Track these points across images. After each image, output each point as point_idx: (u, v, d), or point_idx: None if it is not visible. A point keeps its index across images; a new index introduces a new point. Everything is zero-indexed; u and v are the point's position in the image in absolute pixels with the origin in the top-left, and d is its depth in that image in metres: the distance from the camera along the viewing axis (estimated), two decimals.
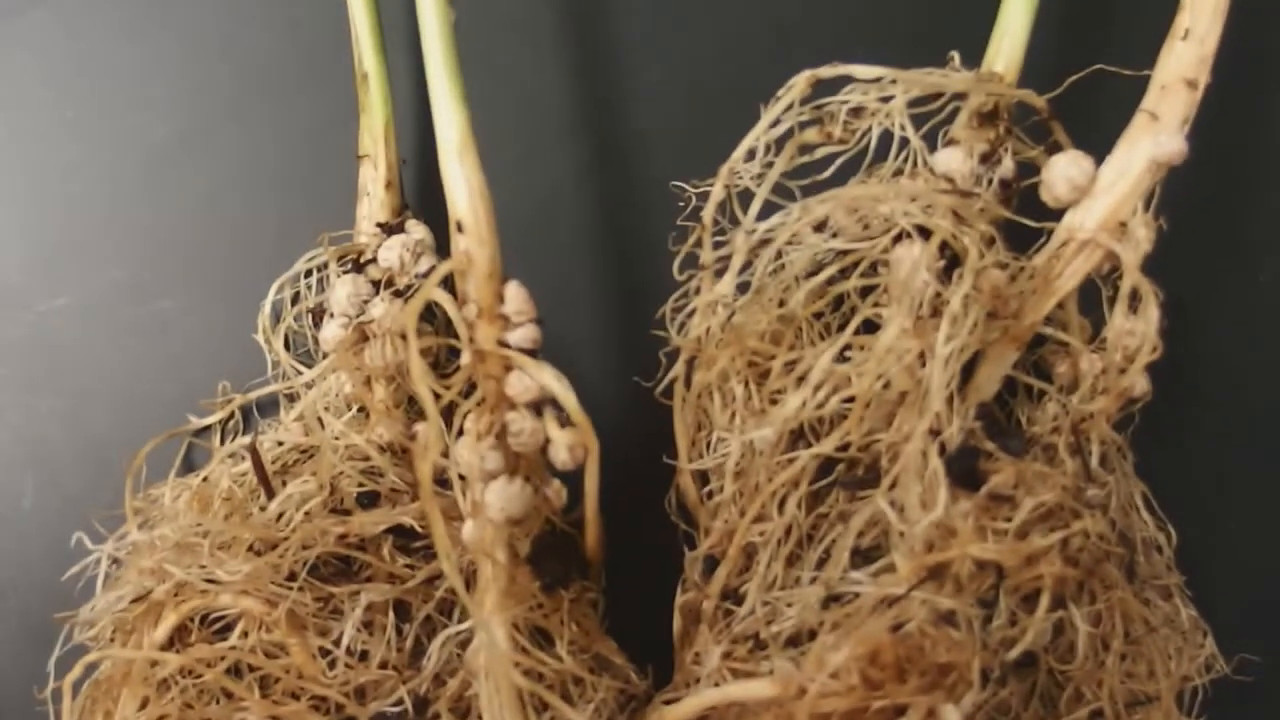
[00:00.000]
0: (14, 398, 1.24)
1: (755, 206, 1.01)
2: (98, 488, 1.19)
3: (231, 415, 1.21)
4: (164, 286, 1.25)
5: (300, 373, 1.18)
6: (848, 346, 0.96)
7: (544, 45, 1.29)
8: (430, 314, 1.09)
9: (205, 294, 1.25)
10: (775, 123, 1.01)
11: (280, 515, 1.03)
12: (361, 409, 1.10)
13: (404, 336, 0.97)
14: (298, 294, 1.19)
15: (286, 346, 1.20)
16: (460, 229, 0.98)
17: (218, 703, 0.98)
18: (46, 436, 1.23)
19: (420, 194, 1.22)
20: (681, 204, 1.05)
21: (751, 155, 1.02)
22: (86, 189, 1.27)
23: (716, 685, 0.94)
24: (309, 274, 1.19)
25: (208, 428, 1.21)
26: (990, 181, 1.02)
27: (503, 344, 0.97)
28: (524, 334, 0.97)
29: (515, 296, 0.98)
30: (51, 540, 1.13)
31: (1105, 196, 0.99)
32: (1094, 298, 1.01)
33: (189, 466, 1.20)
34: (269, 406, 1.21)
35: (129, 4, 1.30)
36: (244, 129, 1.28)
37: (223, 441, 1.20)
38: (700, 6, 1.29)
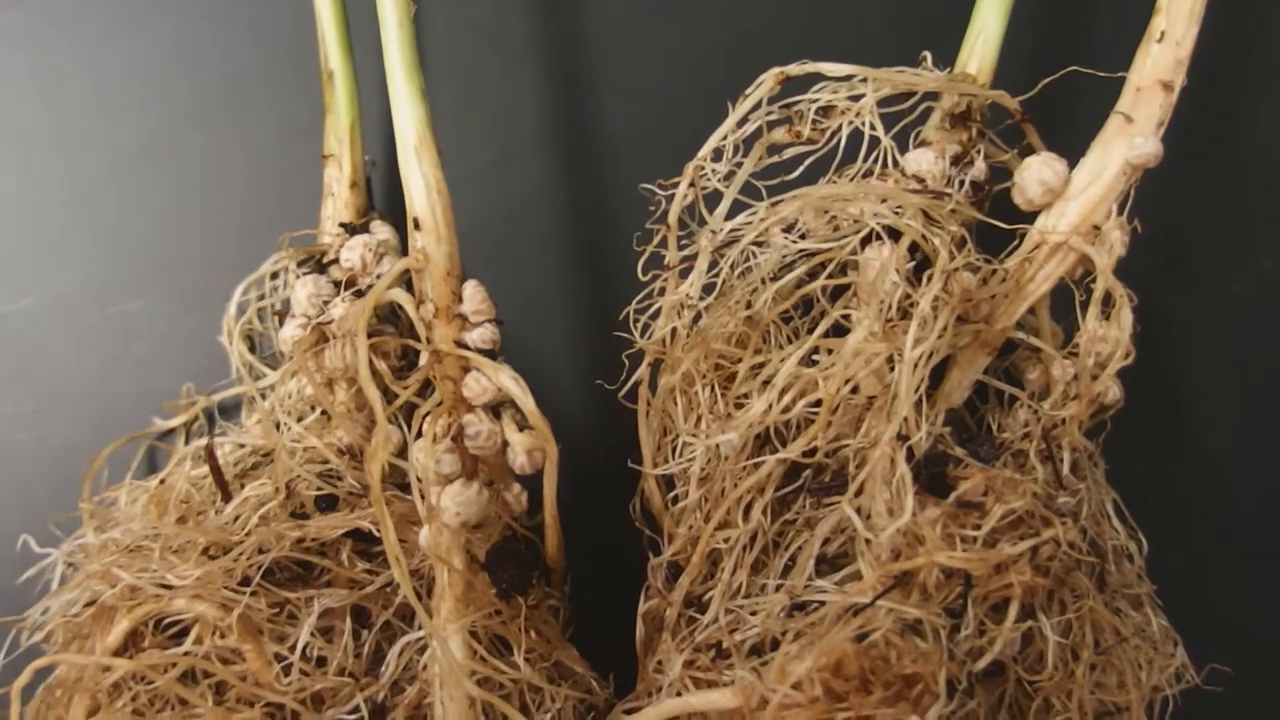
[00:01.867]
0: None
1: (723, 206, 1.00)
2: (61, 491, 1.16)
3: (195, 418, 1.19)
4: (129, 289, 1.23)
5: (264, 375, 1.16)
6: (815, 350, 0.94)
7: (516, 52, 1.28)
8: (395, 316, 1.10)
9: (170, 296, 1.23)
10: (743, 121, 0.99)
11: (236, 518, 1.01)
12: (323, 412, 1.08)
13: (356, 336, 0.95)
14: (263, 295, 1.17)
15: (251, 349, 1.17)
16: (417, 226, 0.97)
17: (171, 709, 0.96)
18: (10, 439, 1.21)
19: (390, 196, 1.20)
20: (650, 207, 1.02)
21: (719, 155, 1.00)
22: (51, 191, 1.25)
23: (678, 694, 0.92)
24: (275, 276, 1.17)
25: (172, 430, 1.19)
26: (962, 183, 1.00)
27: (460, 344, 0.96)
28: (482, 334, 0.96)
29: (473, 296, 0.97)
30: (10, 544, 1.10)
31: (1079, 200, 0.98)
32: (1067, 302, 0.99)
33: (151, 469, 1.18)
34: (233, 409, 1.19)
35: (96, 8, 1.29)
36: (211, 131, 1.26)
37: (186, 444, 1.17)
38: (670, 12, 1.28)
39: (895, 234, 0.93)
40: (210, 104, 1.26)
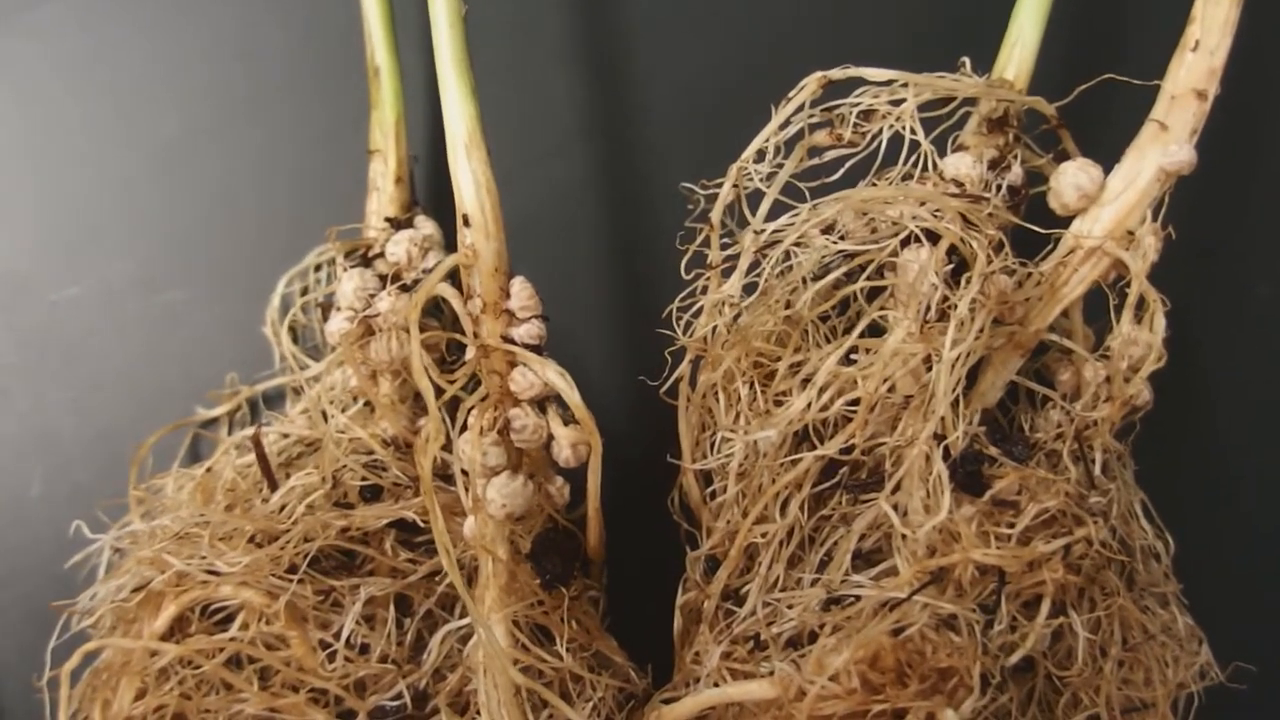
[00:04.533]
0: (24, 386, 1.22)
1: (764, 207, 1.00)
2: (106, 477, 1.17)
3: (239, 407, 1.19)
4: (174, 278, 1.23)
5: (307, 366, 1.16)
6: (854, 349, 0.94)
7: (559, 49, 1.28)
8: (439, 310, 1.10)
9: (215, 286, 1.23)
10: (785, 124, 0.99)
11: (282, 507, 1.02)
12: (367, 403, 1.09)
13: (407, 330, 0.96)
14: (306, 288, 1.18)
15: (294, 340, 1.18)
16: (466, 223, 0.97)
17: (216, 694, 0.97)
18: (56, 426, 1.22)
19: (433, 191, 1.20)
20: (691, 206, 1.03)
21: (761, 156, 1.00)
22: (100, 181, 1.25)
23: (716, 685, 0.93)
24: (319, 268, 1.18)
25: (215, 419, 1.19)
26: (999, 187, 1.00)
27: (507, 339, 0.96)
28: (529, 330, 0.97)
29: (520, 292, 0.97)
30: (58, 529, 1.11)
31: (1113, 205, 0.98)
32: (1099, 305, 0.99)
33: (195, 458, 1.18)
34: (276, 399, 1.20)
35: None
36: (257, 124, 1.26)
37: (230, 433, 1.18)
38: (712, 12, 1.27)
39: (934, 237, 0.93)
40: (259, 97, 1.27)
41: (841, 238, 0.97)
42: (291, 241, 1.19)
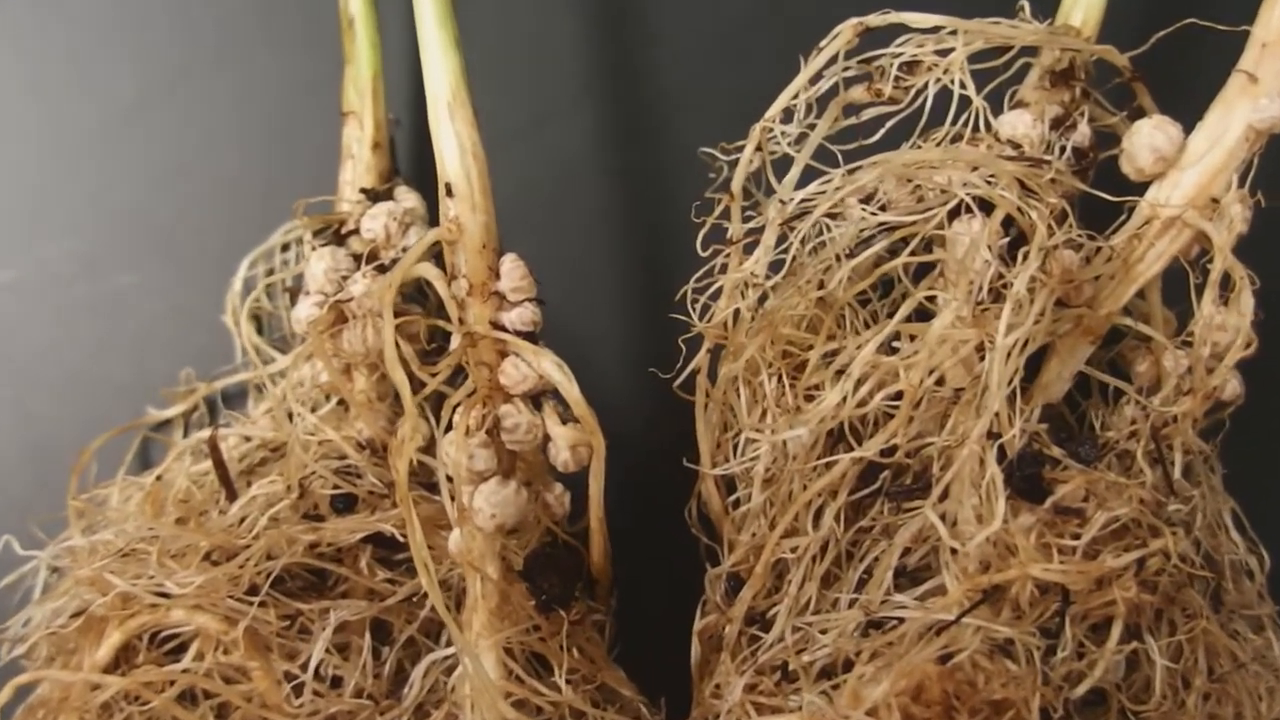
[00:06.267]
0: None
1: (793, 173, 1.00)
2: (42, 487, 1.17)
3: (195, 407, 1.20)
4: (120, 260, 1.24)
5: (273, 359, 1.17)
6: (896, 336, 0.95)
7: None
8: (422, 294, 1.11)
9: (167, 269, 1.24)
10: (817, 78, 1.00)
11: (243, 520, 1.02)
12: (340, 401, 1.09)
13: (381, 315, 0.96)
14: (272, 270, 1.19)
15: (259, 330, 1.19)
16: (449, 192, 0.98)
17: None
18: None
19: (414, 159, 1.21)
20: (711, 174, 1.03)
21: (789, 115, 1.01)
22: (34, 149, 1.26)
23: None
24: (286, 248, 1.19)
25: (168, 421, 1.20)
26: (1063, 150, 1.01)
27: (497, 325, 0.97)
28: (521, 314, 0.97)
29: (512, 271, 0.97)
30: None
31: (1195, 169, 0.98)
32: (1180, 285, 0.99)
33: (144, 464, 1.19)
34: (237, 398, 1.20)
35: None
36: (216, 83, 1.27)
37: (184, 436, 1.18)
38: None
39: (987, 206, 0.93)
40: (216, 52, 1.27)
41: (882, 208, 0.97)
42: (255, 218, 1.20)
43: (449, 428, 0.96)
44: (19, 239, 1.24)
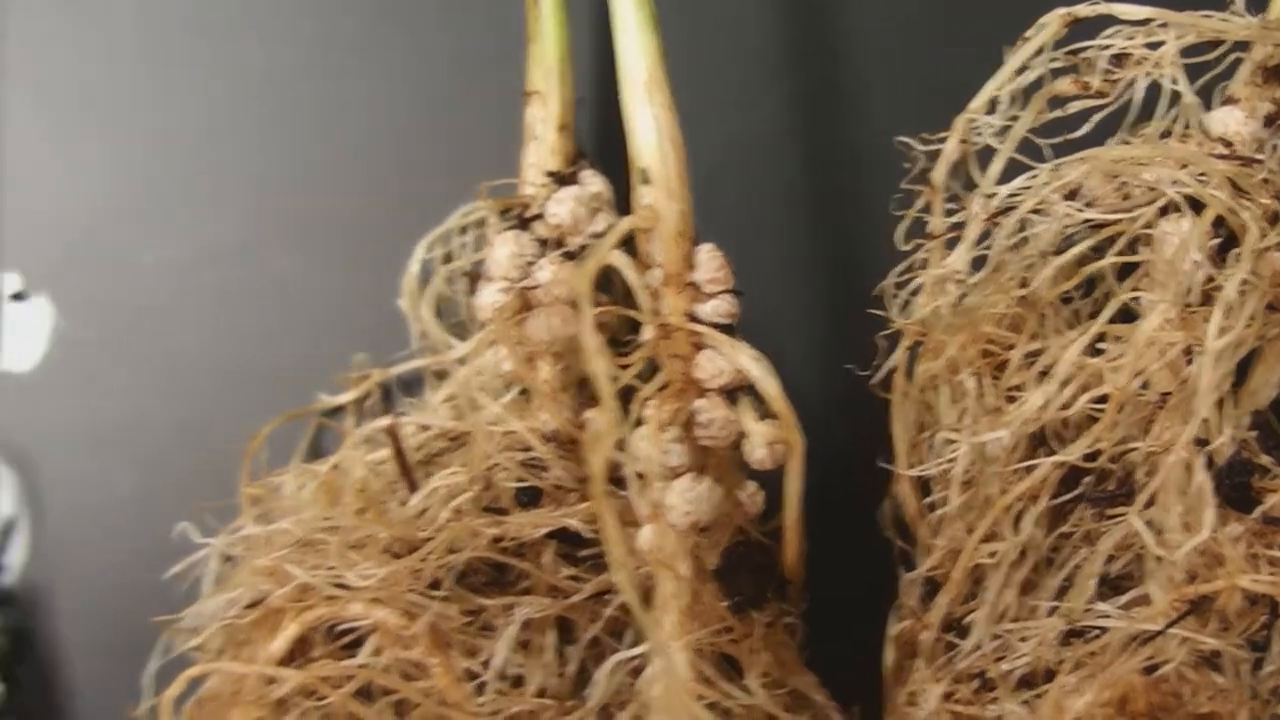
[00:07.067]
0: (107, 367, 1.25)
1: (996, 167, 1.02)
2: (205, 474, 1.15)
3: (369, 394, 1.20)
4: (290, 241, 1.26)
5: (451, 346, 1.16)
6: (1101, 337, 0.96)
7: None
8: (607, 281, 1.09)
9: (337, 253, 1.26)
10: (1022, 69, 1.02)
11: (423, 512, 1.03)
12: (523, 391, 1.09)
13: (575, 305, 0.98)
14: (450, 254, 1.19)
15: (436, 315, 1.19)
16: (646, 179, 0.99)
17: None
18: (146, 414, 1.24)
19: (598, 139, 1.22)
20: (907, 163, 1.05)
21: (992, 107, 1.02)
22: (191, 126, 1.28)
23: None
24: (465, 231, 1.19)
25: (340, 407, 1.21)
26: (1276, 148, 1.01)
27: (692, 317, 0.98)
28: (717, 306, 0.98)
29: (709, 262, 0.99)
30: (151, 533, 1.12)
31: None
32: None
33: (316, 452, 1.20)
34: (413, 384, 1.21)
35: None
36: (388, 57, 1.28)
37: (358, 424, 1.19)
38: None
39: (1197, 205, 0.94)
40: (388, 24, 1.28)
41: (1087, 205, 0.99)
42: (431, 199, 1.19)
43: (640, 422, 0.96)
44: (177, 220, 1.26)
